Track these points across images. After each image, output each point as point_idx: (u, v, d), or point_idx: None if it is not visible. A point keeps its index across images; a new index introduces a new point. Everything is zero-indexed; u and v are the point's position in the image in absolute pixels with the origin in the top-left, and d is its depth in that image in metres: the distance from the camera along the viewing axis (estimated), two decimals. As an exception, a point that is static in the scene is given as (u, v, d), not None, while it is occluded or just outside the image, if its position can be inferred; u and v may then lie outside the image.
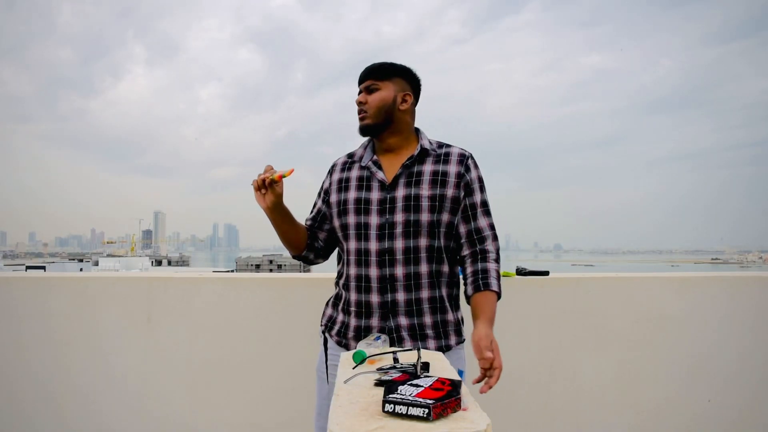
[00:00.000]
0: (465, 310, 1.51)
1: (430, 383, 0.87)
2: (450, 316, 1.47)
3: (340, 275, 1.55)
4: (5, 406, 2.25)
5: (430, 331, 1.43)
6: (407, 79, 1.51)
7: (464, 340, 1.51)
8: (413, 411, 0.78)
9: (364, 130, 1.50)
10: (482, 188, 1.51)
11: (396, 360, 1.12)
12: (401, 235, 1.41)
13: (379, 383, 0.95)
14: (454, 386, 0.86)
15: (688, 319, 2.37)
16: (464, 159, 1.49)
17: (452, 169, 1.47)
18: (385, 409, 0.80)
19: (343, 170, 1.55)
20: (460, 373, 1.45)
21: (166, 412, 2.25)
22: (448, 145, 1.53)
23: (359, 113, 1.49)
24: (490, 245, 1.46)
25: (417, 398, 0.80)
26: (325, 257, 1.60)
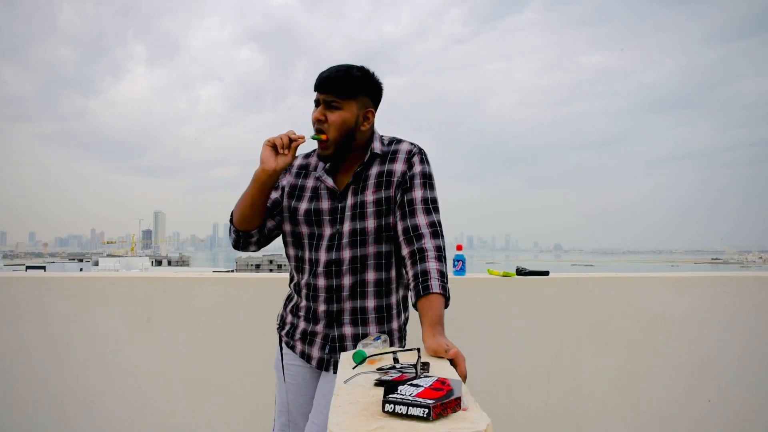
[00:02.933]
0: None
1: (430, 383, 0.87)
2: (395, 324, 1.44)
3: (291, 278, 1.53)
4: (6, 406, 2.25)
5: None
6: (369, 93, 1.40)
7: (405, 345, 1.46)
8: (413, 411, 0.78)
9: (323, 160, 1.42)
10: (426, 185, 1.40)
11: (396, 360, 1.12)
12: (348, 245, 1.38)
13: (379, 383, 0.95)
14: (454, 386, 0.86)
15: (689, 319, 2.37)
16: (410, 155, 1.41)
17: (398, 167, 1.40)
18: (385, 409, 0.80)
19: (298, 176, 1.49)
20: None
21: (166, 412, 2.25)
22: (399, 141, 1.46)
23: (316, 131, 1.38)
24: (428, 243, 1.33)
25: (417, 398, 0.79)
26: (260, 247, 1.52)
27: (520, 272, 2.43)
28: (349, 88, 1.36)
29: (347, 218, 1.39)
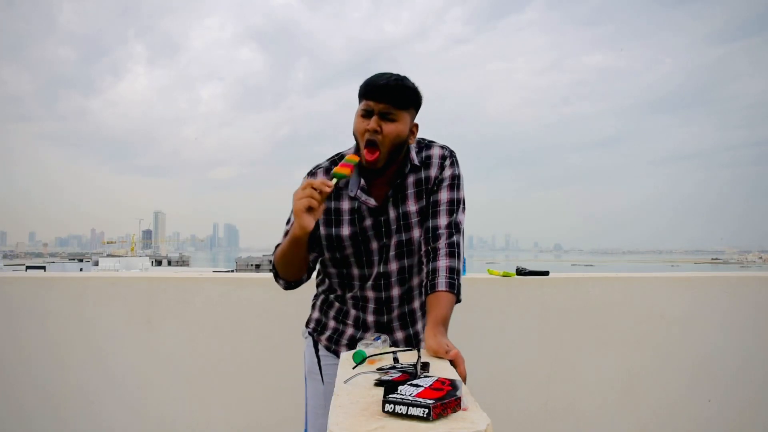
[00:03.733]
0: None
1: (430, 383, 0.87)
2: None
3: (330, 290, 1.49)
4: (5, 405, 2.25)
5: (422, 336, 1.43)
6: (417, 107, 1.37)
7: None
8: (413, 411, 0.77)
9: (371, 172, 1.35)
10: (453, 186, 1.39)
11: (396, 360, 1.12)
12: (395, 258, 1.39)
13: (379, 383, 0.95)
14: (454, 386, 0.86)
15: (689, 319, 2.37)
16: (443, 160, 1.40)
17: (432, 173, 1.40)
18: (385, 409, 0.80)
19: (328, 197, 1.38)
20: None
21: (166, 412, 2.25)
22: (429, 146, 1.43)
23: (369, 142, 1.29)
24: (442, 241, 1.33)
25: (417, 398, 0.79)
26: (309, 278, 1.50)
27: (520, 272, 2.43)
28: (406, 99, 1.31)
29: (393, 231, 1.39)
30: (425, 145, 1.44)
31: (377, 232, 1.39)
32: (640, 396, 2.33)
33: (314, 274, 1.53)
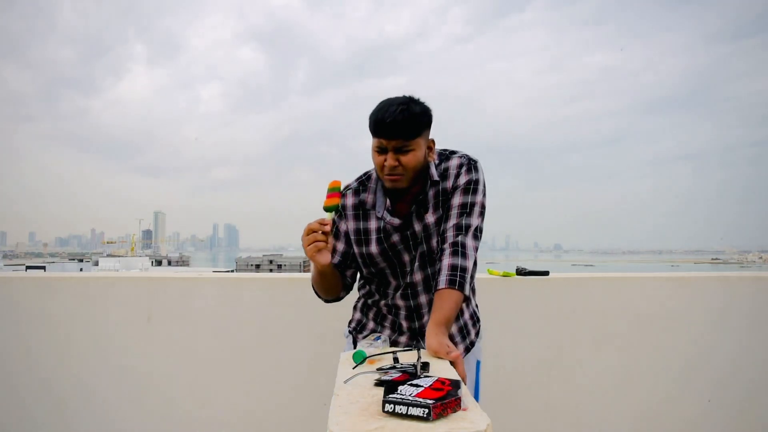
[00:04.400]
0: (479, 295, 1.52)
1: (430, 383, 0.87)
2: (466, 315, 1.51)
3: (368, 292, 1.55)
4: (6, 405, 2.26)
5: (456, 338, 1.48)
6: (429, 125, 1.39)
7: (479, 330, 1.56)
8: (413, 411, 0.78)
9: (395, 192, 1.41)
10: (467, 190, 1.41)
11: (396, 360, 1.12)
12: (418, 269, 1.44)
13: (379, 383, 0.95)
14: (454, 386, 0.86)
15: (688, 319, 2.37)
16: (459, 169, 1.43)
17: (449, 184, 1.43)
18: (385, 409, 0.80)
19: (357, 218, 1.47)
20: (478, 363, 1.51)
21: (166, 412, 2.25)
22: (449, 157, 1.46)
23: (390, 175, 1.36)
24: (447, 243, 1.36)
25: (417, 398, 0.79)
26: (350, 290, 1.57)
27: (520, 272, 2.43)
28: (416, 128, 1.33)
29: (418, 244, 1.43)
30: (445, 157, 1.47)
31: (406, 246, 1.44)
32: (640, 396, 2.33)
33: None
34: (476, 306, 1.58)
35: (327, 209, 1.38)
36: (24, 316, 2.27)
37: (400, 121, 1.30)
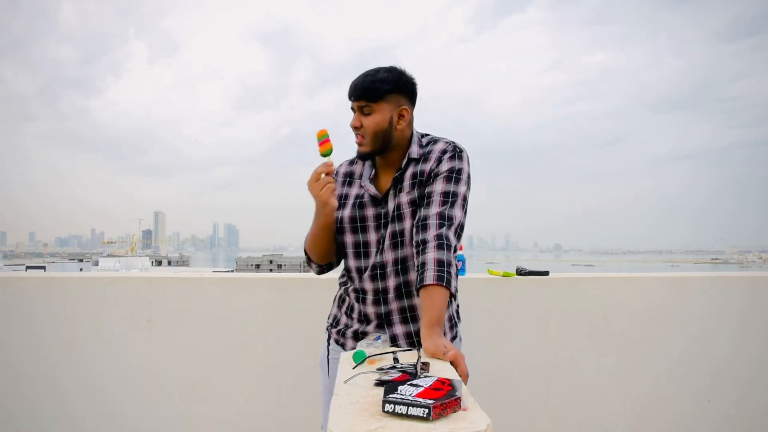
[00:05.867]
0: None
1: (430, 383, 0.87)
2: (444, 316, 1.43)
3: (344, 281, 1.54)
4: (9, 403, 2.25)
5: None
6: (402, 91, 1.42)
7: (457, 335, 1.50)
8: (413, 411, 0.78)
9: (361, 157, 1.46)
10: (450, 178, 1.38)
11: (396, 360, 1.12)
12: (390, 248, 1.41)
13: (379, 383, 0.95)
14: (454, 386, 0.86)
15: (688, 319, 2.37)
16: (443, 154, 1.42)
17: (429, 166, 1.42)
18: (385, 409, 0.80)
19: (343, 184, 1.53)
20: None
21: (166, 412, 2.25)
22: (436, 141, 1.47)
23: (356, 136, 1.43)
24: (431, 233, 1.31)
25: (417, 398, 0.79)
26: (341, 261, 1.55)
27: (520, 272, 2.43)
28: (377, 91, 1.39)
29: (389, 222, 1.42)
30: (433, 140, 1.48)
31: (377, 224, 1.44)
32: (640, 396, 2.33)
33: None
34: (458, 307, 1.54)
35: (324, 155, 1.40)
36: (24, 316, 2.27)
37: (360, 83, 1.40)
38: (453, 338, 1.48)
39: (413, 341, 1.42)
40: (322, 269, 1.55)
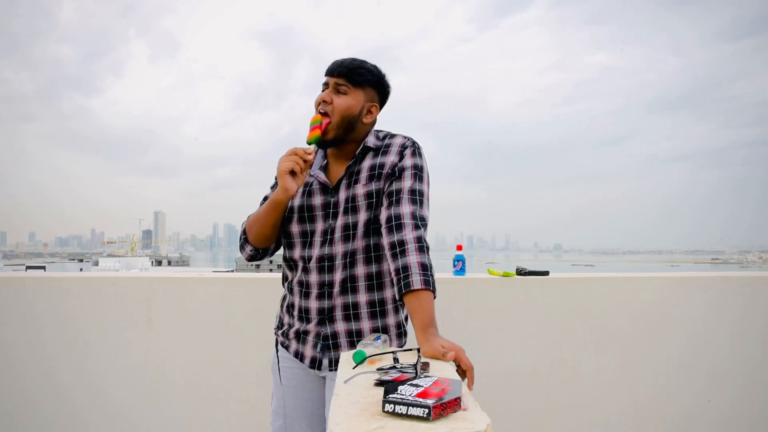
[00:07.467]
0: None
1: (430, 383, 0.87)
2: (391, 320, 1.40)
3: (285, 278, 1.50)
4: (10, 402, 2.25)
5: (366, 337, 1.36)
6: (378, 89, 1.42)
7: (405, 343, 1.42)
8: (413, 411, 0.78)
9: (322, 144, 1.39)
10: (416, 177, 1.36)
11: (396, 360, 1.12)
12: (340, 240, 1.36)
13: (379, 383, 0.95)
14: (454, 386, 0.86)
15: (688, 319, 2.37)
16: (403, 148, 1.39)
17: (389, 160, 1.38)
18: (385, 409, 0.80)
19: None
20: None
21: (166, 412, 2.25)
22: (393, 136, 1.44)
23: (318, 115, 1.36)
24: (408, 234, 1.27)
25: (417, 398, 0.79)
26: (278, 248, 1.50)
27: (520, 272, 2.43)
28: (360, 77, 1.37)
29: (340, 213, 1.37)
30: (390, 135, 1.45)
31: (325, 213, 1.39)
32: (640, 396, 2.33)
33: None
34: (405, 319, 1.45)
35: (309, 142, 1.36)
36: (24, 316, 2.27)
37: (347, 63, 1.38)
38: (401, 346, 1.41)
39: (354, 341, 1.37)
40: (257, 253, 1.46)
